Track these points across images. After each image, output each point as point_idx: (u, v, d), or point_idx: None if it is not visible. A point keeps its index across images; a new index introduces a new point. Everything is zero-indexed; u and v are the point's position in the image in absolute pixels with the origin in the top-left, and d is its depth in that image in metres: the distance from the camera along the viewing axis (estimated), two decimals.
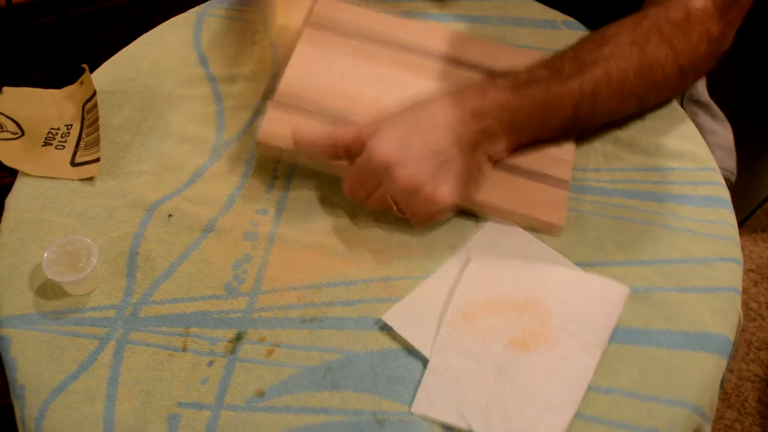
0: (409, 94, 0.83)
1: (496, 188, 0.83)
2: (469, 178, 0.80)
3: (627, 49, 0.82)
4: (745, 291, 1.71)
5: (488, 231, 0.83)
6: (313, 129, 0.83)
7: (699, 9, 0.85)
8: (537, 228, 0.83)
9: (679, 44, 0.84)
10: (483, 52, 0.94)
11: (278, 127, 0.84)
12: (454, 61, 0.93)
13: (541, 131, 0.83)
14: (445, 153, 0.78)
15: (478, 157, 0.80)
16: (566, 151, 0.87)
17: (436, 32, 0.96)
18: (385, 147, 0.77)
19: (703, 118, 1.12)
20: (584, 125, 0.85)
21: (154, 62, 0.98)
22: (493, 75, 0.83)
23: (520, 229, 0.83)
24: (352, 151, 0.80)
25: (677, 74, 0.85)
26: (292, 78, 0.89)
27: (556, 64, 0.82)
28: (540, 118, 0.81)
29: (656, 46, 0.83)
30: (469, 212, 0.84)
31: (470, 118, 0.79)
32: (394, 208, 0.80)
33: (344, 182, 0.81)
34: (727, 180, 1.05)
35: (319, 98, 0.87)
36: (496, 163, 0.84)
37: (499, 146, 0.82)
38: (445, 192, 0.78)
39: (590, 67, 0.82)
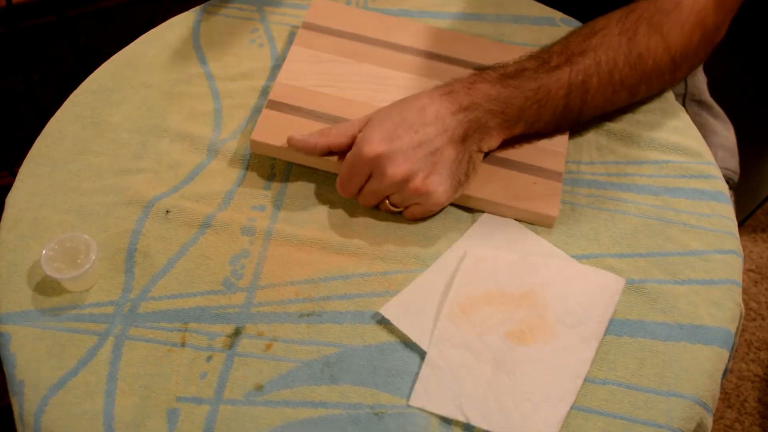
0: (402, 92, 0.83)
1: (490, 182, 0.83)
2: (459, 169, 0.80)
3: (616, 39, 0.83)
4: (745, 291, 1.71)
5: (484, 223, 0.83)
6: (306, 128, 0.84)
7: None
8: (532, 220, 0.83)
9: (670, 34, 0.84)
10: (476, 50, 0.95)
11: (272, 125, 0.85)
12: (447, 59, 0.94)
13: (533, 122, 0.83)
14: (434, 144, 0.78)
15: (468, 149, 0.80)
16: (558, 143, 0.87)
17: (428, 31, 0.96)
18: (374, 140, 0.78)
19: (705, 117, 1.12)
20: (576, 116, 0.85)
21: (153, 60, 0.98)
22: (480, 68, 0.84)
23: (516, 222, 0.83)
24: (343, 147, 0.81)
25: (669, 64, 0.85)
26: (287, 78, 0.90)
27: (543, 56, 0.83)
28: (530, 109, 0.81)
29: (646, 36, 0.83)
30: (463, 206, 0.84)
31: (459, 110, 0.79)
32: (386, 202, 0.81)
33: (337, 178, 0.82)
34: (729, 180, 1.05)
35: (313, 98, 0.88)
36: (487, 155, 0.84)
37: (490, 138, 0.82)
38: (435, 183, 0.79)
39: (578, 57, 0.82)
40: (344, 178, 0.81)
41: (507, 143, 0.85)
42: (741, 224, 1.77)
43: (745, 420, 1.54)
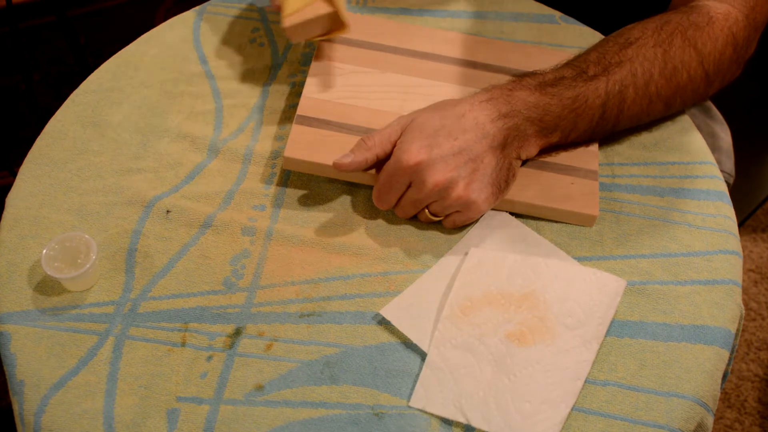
0: (430, 100, 0.83)
1: (528, 185, 0.83)
2: (500, 176, 0.79)
3: (651, 51, 0.83)
4: (745, 291, 1.71)
5: (485, 224, 0.83)
6: (337, 141, 0.83)
7: (721, 14, 0.86)
8: (572, 220, 0.83)
9: (705, 48, 0.84)
10: (495, 53, 0.95)
11: (304, 141, 0.85)
12: (468, 63, 0.94)
13: (569, 131, 0.83)
14: (474, 151, 0.78)
15: (508, 157, 0.80)
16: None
17: (447, 37, 0.96)
18: (413, 149, 0.77)
19: (702, 119, 1.12)
20: (612, 126, 0.85)
21: (154, 60, 0.98)
22: (518, 75, 0.84)
23: (518, 222, 0.83)
24: (380, 156, 0.80)
25: (703, 77, 0.86)
26: (312, 92, 0.89)
27: (580, 65, 0.83)
28: (567, 117, 0.81)
29: (680, 49, 0.83)
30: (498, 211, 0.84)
31: (498, 117, 0.79)
32: (426, 211, 0.80)
33: (373, 190, 0.81)
34: (726, 182, 1.05)
35: (341, 110, 0.88)
36: (524, 163, 0.84)
37: (529, 145, 0.81)
38: (477, 190, 0.78)
39: (615, 67, 0.82)
40: (382, 189, 0.80)
41: (542, 152, 0.85)
42: (741, 224, 1.78)
43: (745, 420, 1.54)
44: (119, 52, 1.00)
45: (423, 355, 0.74)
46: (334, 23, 0.89)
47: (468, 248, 0.81)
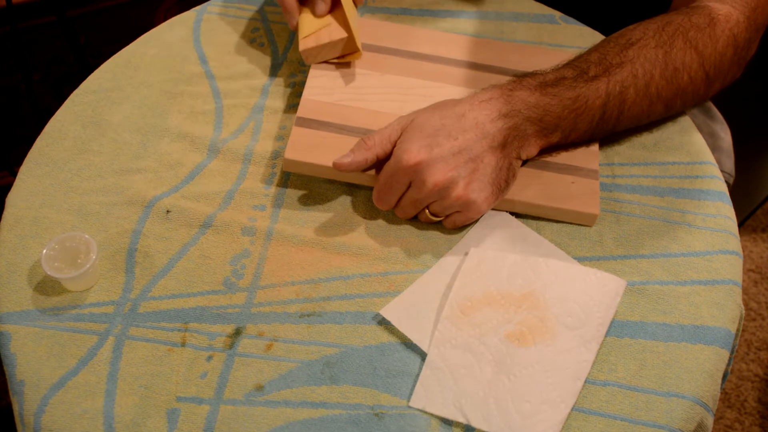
0: (429, 101, 0.83)
1: (529, 185, 0.83)
2: (500, 176, 0.79)
3: (652, 52, 0.83)
4: (745, 291, 1.71)
5: (485, 224, 0.83)
6: (337, 143, 0.84)
7: (723, 15, 0.85)
8: (573, 220, 0.83)
9: (706, 49, 0.84)
10: (495, 53, 0.95)
11: (304, 143, 0.85)
12: (468, 64, 0.94)
13: (569, 132, 0.83)
14: (474, 151, 0.78)
15: (508, 156, 0.80)
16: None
17: (446, 38, 0.97)
18: (413, 149, 0.77)
19: (702, 119, 1.12)
20: (612, 127, 0.85)
21: (154, 60, 0.98)
22: (519, 75, 0.84)
23: (518, 222, 0.83)
24: (389, 154, 0.80)
25: (704, 79, 0.86)
26: (313, 93, 0.89)
27: (581, 65, 0.83)
28: (567, 118, 0.81)
29: (681, 50, 0.83)
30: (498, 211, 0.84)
31: (498, 117, 0.79)
32: (426, 211, 0.80)
33: (373, 190, 0.81)
34: (726, 182, 1.05)
35: (341, 112, 0.88)
36: (524, 162, 0.84)
37: (529, 145, 0.81)
38: (477, 190, 0.78)
39: (616, 68, 0.82)
40: (382, 189, 0.80)
41: (543, 152, 0.85)
42: (741, 224, 1.78)
43: (745, 420, 1.54)
44: (119, 52, 1.00)
45: (423, 355, 0.74)
46: (347, 47, 0.91)
47: (468, 248, 0.81)
